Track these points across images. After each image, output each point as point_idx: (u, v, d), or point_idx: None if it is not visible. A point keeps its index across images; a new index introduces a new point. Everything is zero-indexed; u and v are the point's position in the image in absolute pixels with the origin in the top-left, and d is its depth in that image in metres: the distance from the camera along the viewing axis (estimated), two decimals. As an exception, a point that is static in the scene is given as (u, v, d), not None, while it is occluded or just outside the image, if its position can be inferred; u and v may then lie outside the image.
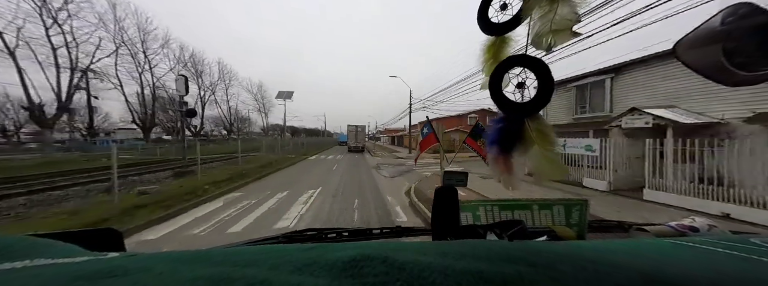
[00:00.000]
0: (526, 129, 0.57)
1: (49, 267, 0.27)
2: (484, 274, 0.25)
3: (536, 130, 0.56)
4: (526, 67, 0.58)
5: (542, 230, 0.86)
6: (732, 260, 0.37)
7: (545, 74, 0.55)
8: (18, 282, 0.23)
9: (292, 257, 0.28)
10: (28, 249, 0.30)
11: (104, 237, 0.50)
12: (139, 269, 0.25)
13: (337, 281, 0.23)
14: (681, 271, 0.32)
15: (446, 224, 0.68)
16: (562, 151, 8.39)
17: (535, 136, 0.55)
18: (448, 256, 0.29)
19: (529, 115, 0.57)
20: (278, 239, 0.94)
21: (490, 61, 0.68)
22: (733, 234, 0.79)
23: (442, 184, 0.69)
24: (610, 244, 0.44)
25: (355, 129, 28.93)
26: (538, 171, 0.56)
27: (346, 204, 6.31)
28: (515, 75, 0.60)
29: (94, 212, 5.15)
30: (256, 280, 0.22)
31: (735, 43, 0.41)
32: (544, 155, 0.55)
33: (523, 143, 0.58)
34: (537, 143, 0.55)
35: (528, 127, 0.56)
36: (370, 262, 0.26)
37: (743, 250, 0.39)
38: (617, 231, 1.01)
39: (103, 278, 0.24)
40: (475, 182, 8.14)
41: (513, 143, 0.59)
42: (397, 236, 1.00)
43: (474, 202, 0.99)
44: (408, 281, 0.23)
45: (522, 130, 0.57)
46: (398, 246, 0.33)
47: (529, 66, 0.57)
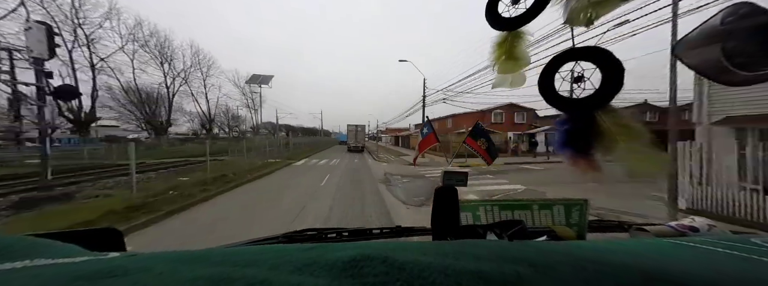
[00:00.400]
0: (601, 125, 0.52)
1: (49, 267, 0.27)
2: (484, 274, 0.25)
3: (615, 125, 0.51)
4: (579, 60, 0.54)
5: (542, 230, 0.86)
6: (732, 260, 0.37)
7: (609, 61, 0.50)
8: (18, 282, 0.23)
9: (292, 257, 0.28)
10: (28, 249, 0.30)
11: (104, 237, 0.50)
12: (139, 269, 0.25)
13: (337, 281, 0.23)
14: (681, 271, 0.32)
15: (446, 224, 0.68)
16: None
17: (615, 131, 0.50)
18: (448, 256, 0.29)
19: (598, 110, 0.52)
20: (278, 239, 0.94)
21: (502, 57, 0.65)
22: (733, 234, 0.79)
23: (442, 184, 0.69)
24: (610, 244, 0.44)
25: (355, 129, 28.78)
26: (633, 169, 0.51)
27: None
28: (568, 71, 0.56)
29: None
30: (256, 280, 0.22)
31: (735, 43, 0.41)
32: (632, 150, 0.50)
33: (601, 140, 0.53)
34: (619, 138, 0.50)
35: (603, 123, 0.52)
36: (370, 262, 0.26)
37: (743, 250, 0.39)
38: (617, 231, 1.01)
39: (103, 278, 0.24)
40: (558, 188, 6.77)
41: (588, 143, 0.54)
42: (397, 236, 1.00)
43: (474, 202, 0.99)
44: (408, 281, 0.23)
45: (594, 127, 0.53)
46: (398, 246, 0.33)
47: (583, 58, 0.53)
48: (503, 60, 0.65)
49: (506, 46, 0.63)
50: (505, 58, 0.65)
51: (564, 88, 0.57)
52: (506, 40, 0.63)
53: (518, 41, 0.62)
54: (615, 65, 0.50)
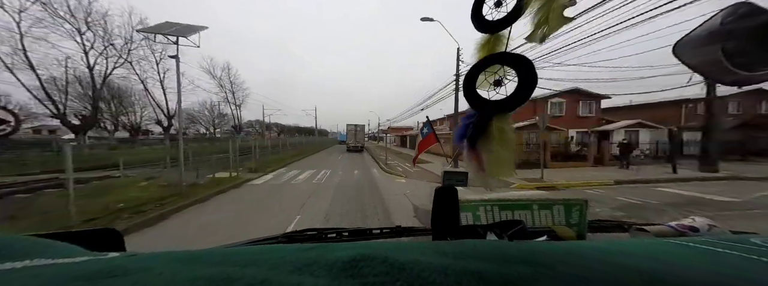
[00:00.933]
0: (490, 126, 0.58)
1: (49, 267, 0.27)
2: (484, 274, 0.25)
3: (498, 128, 0.57)
4: (507, 65, 0.58)
5: (542, 230, 0.86)
6: (732, 260, 0.37)
7: (528, 71, 0.54)
8: (18, 282, 0.23)
9: (292, 257, 0.28)
10: (28, 249, 0.30)
11: (104, 237, 0.50)
12: (139, 269, 0.25)
13: (337, 281, 0.23)
14: (681, 271, 0.32)
15: (446, 224, 0.68)
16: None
17: (496, 134, 0.57)
18: (448, 256, 0.29)
19: (499, 113, 0.58)
20: (278, 239, 0.94)
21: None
22: (733, 234, 0.79)
23: (442, 184, 0.69)
24: (610, 244, 0.44)
25: (354, 129, 28.56)
26: (488, 168, 0.58)
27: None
28: (492, 73, 0.61)
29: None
30: (256, 280, 0.22)
31: (735, 43, 0.41)
32: (498, 153, 0.56)
33: (485, 139, 0.59)
34: (495, 140, 0.57)
35: (493, 125, 0.58)
36: (370, 262, 0.26)
37: (743, 250, 0.39)
38: (617, 231, 1.01)
39: (103, 278, 0.24)
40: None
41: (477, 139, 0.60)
42: (397, 236, 1.00)
43: (474, 202, 0.99)
44: (408, 281, 0.23)
45: (488, 126, 0.59)
46: (398, 246, 0.33)
47: (511, 63, 0.57)
48: None
49: (488, 48, 0.66)
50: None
51: (484, 88, 0.62)
52: (489, 43, 0.66)
53: (499, 44, 0.64)
54: (532, 76, 0.54)
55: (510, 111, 0.57)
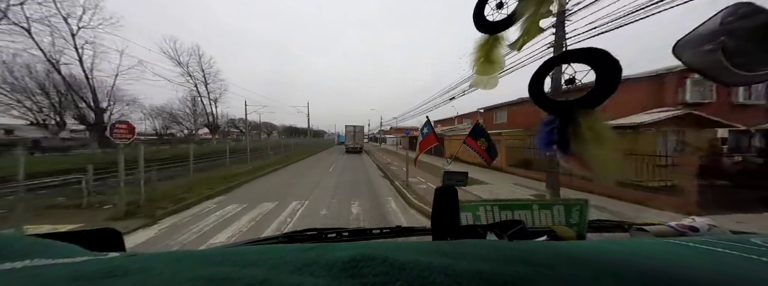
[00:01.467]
0: (578, 128, 0.53)
1: (49, 267, 0.27)
2: (484, 274, 0.25)
3: (588, 127, 0.52)
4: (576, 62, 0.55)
5: (542, 230, 0.86)
6: (732, 260, 0.37)
7: (606, 60, 0.50)
8: (18, 282, 0.23)
9: (292, 257, 0.28)
10: (28, 249, 0.30)
11: (104, 237, 0.50)
12: (139, 269, 0.25)
13: (337, 281, 0.23)
14: (681, 271, 0.32)
15: (446, 224, 0.68)
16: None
17: (588, 134, 0.52)
18: (448, 256, 0.29)
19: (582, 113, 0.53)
20: (278, 239, 0.94)
21: (481, 60, 0.68)
22: (733, 234, 0.79)
23: (442, 184, 0.69)
24: (610, 244, 0.44)
25: (353, 129, 28.53)
26: (595, 172, 0.53)
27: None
28: (560, 72, 0.59)
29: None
30: (256, 280, 0.22)
31: (735, 43, 0.41)
32: (598, 155, 0.51)
33: (576, 143, 0.54)
34: (590, 141, 0.52)
35: (581, 126, 0.53)
36: (370, 262, 0.26)
37: (743, 250, 0.39)
38: (617, 231, 1.01)
39: (103, 278, 0.24)
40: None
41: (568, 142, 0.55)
42: (397, 236, 1.00)
43: (474, 202, 0.99)
44: (408, 281, 0.23)
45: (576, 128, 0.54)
46: (398, 246, 0.33)
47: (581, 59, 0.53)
48: (481, 62, 0.68)
49: (486, 48, 0.66)
50: (483, 60, 0.67)
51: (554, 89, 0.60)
52: (487, 43, 0.66)
53: (497, 45, 0.65)
54: (612, 65, 0.50)
55: (596, 106, 0.53)
